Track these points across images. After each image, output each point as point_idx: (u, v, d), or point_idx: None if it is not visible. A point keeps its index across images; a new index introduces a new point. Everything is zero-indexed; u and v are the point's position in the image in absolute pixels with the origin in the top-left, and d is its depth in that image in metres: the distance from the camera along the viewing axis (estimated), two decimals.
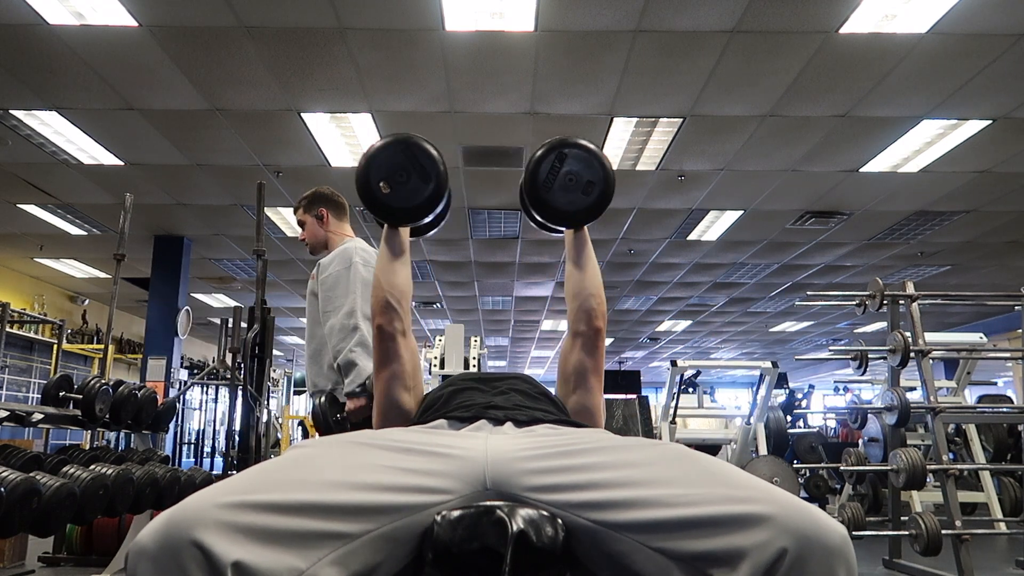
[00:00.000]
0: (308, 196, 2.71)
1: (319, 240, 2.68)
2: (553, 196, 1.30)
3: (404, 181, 1.26)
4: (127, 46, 4.14)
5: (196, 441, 11.07)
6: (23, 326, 8.73)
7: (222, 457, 9.16)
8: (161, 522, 0.77)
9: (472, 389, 1.22)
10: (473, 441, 0.99)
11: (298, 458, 0.92)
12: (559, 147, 1.30)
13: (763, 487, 0.85)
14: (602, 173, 1.30)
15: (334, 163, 5.85)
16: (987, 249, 8.13)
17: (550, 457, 0.96)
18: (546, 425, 1.10)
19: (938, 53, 4.19)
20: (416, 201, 1.27)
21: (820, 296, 4.76)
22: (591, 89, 4.66)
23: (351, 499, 0.86)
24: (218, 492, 0.81)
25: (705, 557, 0.82)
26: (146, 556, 0.76)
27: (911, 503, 5.25)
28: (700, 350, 16.41)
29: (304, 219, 2.70)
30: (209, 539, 0.76)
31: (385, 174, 1.25)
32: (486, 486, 0.93)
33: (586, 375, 1.32)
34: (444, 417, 1.13)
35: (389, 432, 1.05)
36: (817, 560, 0.77)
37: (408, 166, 1.26)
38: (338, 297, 2.39)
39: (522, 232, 7.73)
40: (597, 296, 1.34)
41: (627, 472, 0.91)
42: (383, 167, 1.26)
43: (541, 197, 1.31)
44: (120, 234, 3.87)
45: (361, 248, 2.50)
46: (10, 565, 3.71)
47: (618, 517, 0.87)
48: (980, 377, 7.03)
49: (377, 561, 0.87)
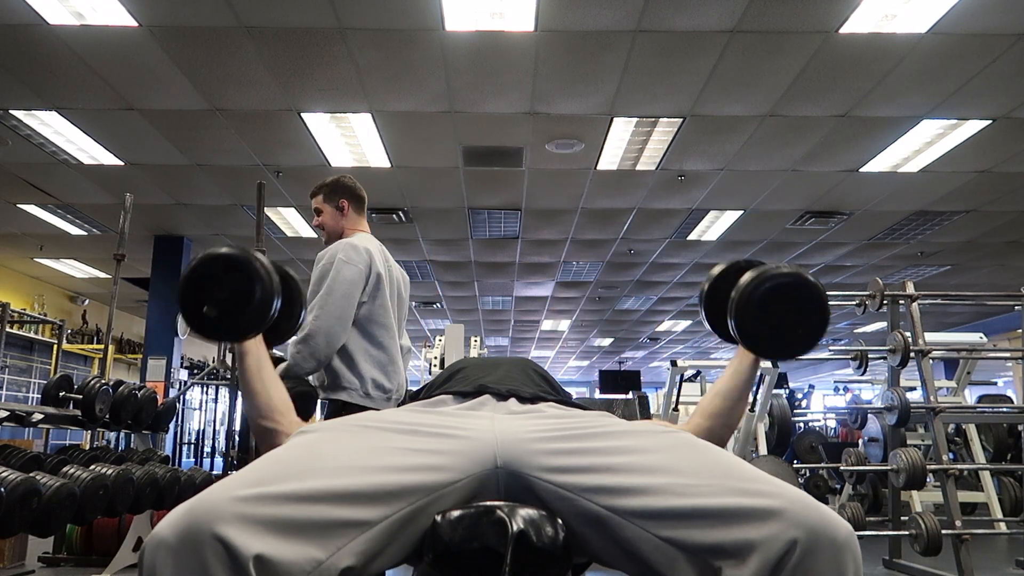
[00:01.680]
0: (330, 184, 2.58)
1: (336, 231, 2.57)
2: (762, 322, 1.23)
3: (226, 297, 1.20)
4: (127, 46, 4.14)
5: (196, 441, 11.06)
6: (23, 326, 8.72)
7: (222, 457, 9.15)
8: (180, 515, 0.77)
9: (473, 367, 1.22)
10: (480, 421, 0.99)
11: (308, 444, 0.92)
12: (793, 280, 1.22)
13: (772, 481, 0.85)
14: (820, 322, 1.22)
15: (334, 163, 5.84)
16: (987, 249, 8.13)
17: (560, 439, 0.95)
18: (550, 404, 1.10)
19: (938, 53, 4.19)
20: (245, 313, 1.21)
21: None
22: (591, 89, 4.66)
23: (367, 482, 0.86)
24: (236, 484, 0.81)
25: (713, 549, 0.82)
26: (166, 550, 0.75)
27: (911, 503, 5.26)
28: (700, 350, 16.40)
29: (322, 207, 2.57)
30: (230, 533, 0.75)
31: (206, 296, 1.19)
32: (496, 464, 0.93)
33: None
34: (446, 392, 1.13)
35: (394, 413, 1.05)
36: (826, 553, 0.78)
37: (226, 280, 1.20)
38: (314, 293, 2.31)
39: (522, 232, 7.73)
40: (733, 429, 1.30)
41: (638, 458, 0.91)
42: (202, 290, 1.20)
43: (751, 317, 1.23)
44: (120, 234, 3.87)
45: (351, 245, 2.39)
46: (10, 565, 3.71)
47: (628, 503, 0.87)
48: (980, 377, 7.03)
49: (394, 546, 0.88)
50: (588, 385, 21.75)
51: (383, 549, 0.86)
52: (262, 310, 1.21)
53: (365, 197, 2.64)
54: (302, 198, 6.54)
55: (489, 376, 1.17)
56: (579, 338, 14.87)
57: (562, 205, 6.89)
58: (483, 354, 8.00)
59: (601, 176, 6.12)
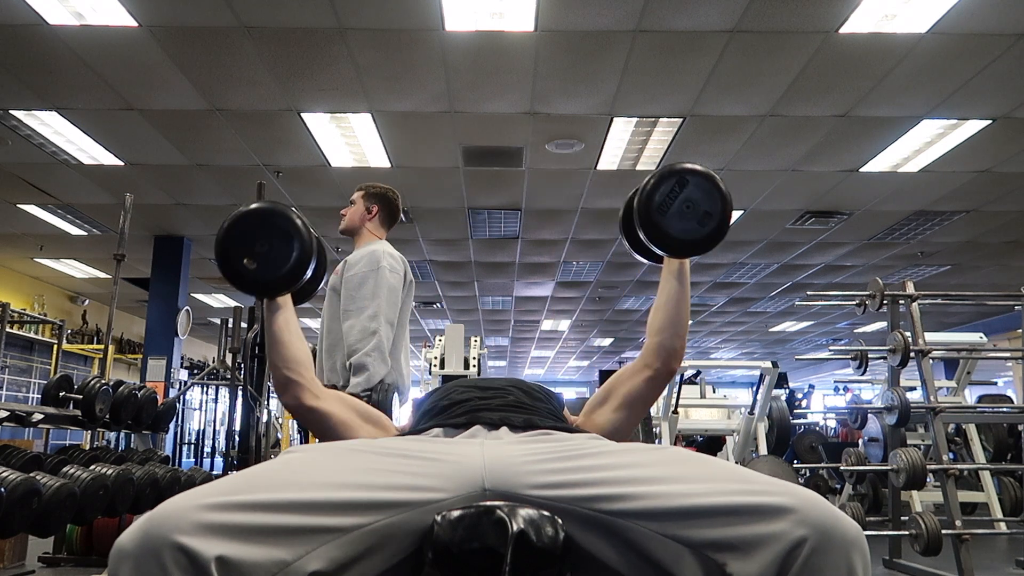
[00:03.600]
0: (376, 189, 2.72)
1: (355, 227, 2.69)
2: (668, 221, 1.26)
3: (266, 251, 1.21)
4: (127, 46, 4.14)
5: (196, 441, 11.06)
6: (23, 326, 8.73)
7: (222, 457, 9.15)
8: (141, 525, 0.77)
9: (466, 397, 1.21)
10: (469, 448, 0.98)
11: (289, 462, 0.92)
12: (682, 172, 1.26)
13: (779, 482, 0.85)
14: (721, 205, 1.26)
15: (334, 163, 5.85)
16: (987, 249, 8.13)
17: (551, 461, 0.95)
18: (542, 431, 1.09)
19: (938, 53, 4.19)
20: (284, 269, 1.22)
21: (820, 296, 4.76)
22: (591, 89, 4.66)
23: (340, 496, 0.85)
24: (200, 494, 0.81)
25: (720, 544, 0.82)
26: (127, 559, 0.75)
27: (911, 503, 5.25)
28: (700, 350, 16.40)
29: (357, 201, 2.71)
30: (189, 540, 0.75)
31: (246, 249, 1.20)
32: (484, 487, 0.92)
33: (636, 404, 1.31)
34: (438, 425, 1.13)
35: (384, 440, 1.05)
36: (836, 550, 0.78)
37: (267, 235, 1.20)
38: (363, 298, 2.41)
39: (522, 232, 7.73)
40: (684, 337, 1.32)
41: (637, 470, 0.91)
42: (242, 243, 1.20)
43: (654, 220, 1.26)
44: (120, 234, 3.87)
45: (388, 253, 2.53)
46: (10, 565, 3.71)
47: (629, 506, 0.87)
48: (980, 377, 7.02)
49: (368, 555, 0.86)
50: (588, 385, 21.74)
51: (358, 557, 0.85)
52: (300, 266, 1.23)
53: (399, 217, 2.79)
54: (302, 198, 6.55)
55: (482, 403, 1.16)
56: (579, 338, 14.87)
57: (562, 205, 6.89)
58: (483, 354, 7.99)
59: (601, 176, 6.12)
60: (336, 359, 2.47)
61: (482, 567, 0.87)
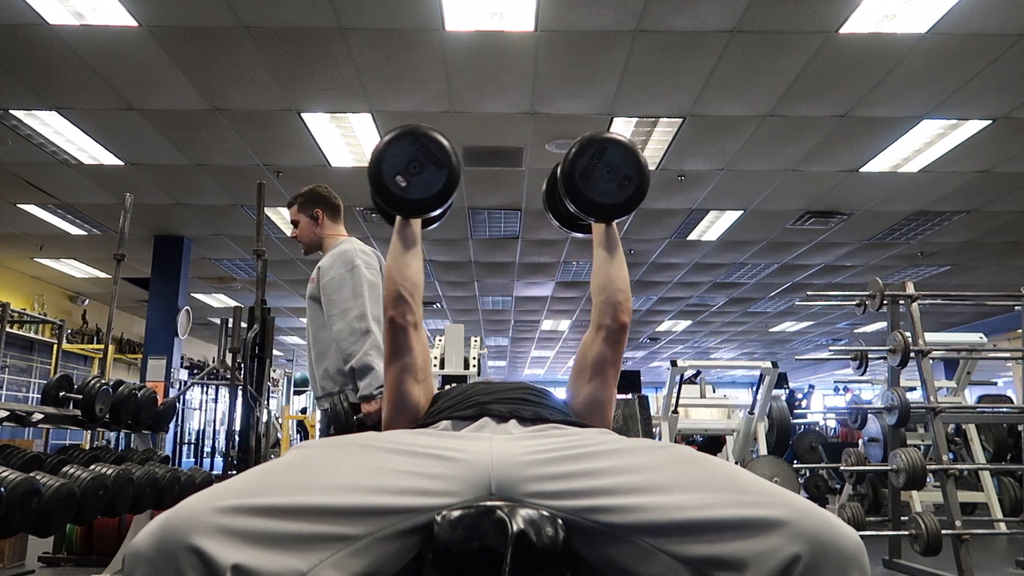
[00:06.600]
0: (304, 195, 2.66)
1: (314, 241, 2.66)
2: (590, 187, 1.31)
3: (418, 172, 1.25)
4: (127, 46, 4.14)
5: (196, 441, 11.07)
6: (23, 326, 8.72)
7: (222, 457, 9.16)
8: (157, 527, 0.76)
9: (475, 392, 1.22)
10: (478, 444, 0.98)
11: (299, 460, 0.91)
12: (600, 140, 1.31)
13: (775, 491, 0.84)
14: (638, 169, 1.31)
15: (334, 163, 5.85)
16: (987, 249, 8.13)
17: (556, 462, 0.95)
18: (551, 425, 1.09)
19: (938, 53, 4.19)
20: (433, 191, 1.26)
21: (820, 296, 4.76)
22: (591, 89, 4.66)
23: (354, 502, 0.85)
24: (216, 495, 0.80)
25: (715, 561, 0.81)
26: (143, 561, 0.75)
27: (911, 503, 5.25)
28: (700, 350, 16.40)
29: (298, 218, 2.66)
30: (206, 544, 0.75)
31: (400, 168, 1.25)
32: (491, 490, 0.93)
33: (605, 367, 1.32)
34: (447, 418, 1.13)
35: (393, 435, 1.04)
36: (831, 566, 0.76)
37: (421, 157, 1.25)
38: (344, 300, 2.37)
39: (522, 232, 7.73)
40: (624, 291, 1.34)
41: (635, 477, 0.90)
42: (397, 161, 1.25)
43: (578, 187, 1.31)
44: (120, 234, 3.87)
45: (360, 250, 2.49)
46: (10, 565, 3.71)
47: (627, 519, 0.87)
48: (980, 377, 7.03)
49: (380, 562, 0.87)
50: None
51: (369, 563, 0.86)
52: (446, 193, 1.26)
53: (341, 206, 2.72)
54: None
55: (491, 398, 1.17)
56: (579, 338, 14.79)
57: None
58: (483, 354, 7.99)
59: None
60: (326, 365, 2.44)
61: (482, 567, 0.87)
